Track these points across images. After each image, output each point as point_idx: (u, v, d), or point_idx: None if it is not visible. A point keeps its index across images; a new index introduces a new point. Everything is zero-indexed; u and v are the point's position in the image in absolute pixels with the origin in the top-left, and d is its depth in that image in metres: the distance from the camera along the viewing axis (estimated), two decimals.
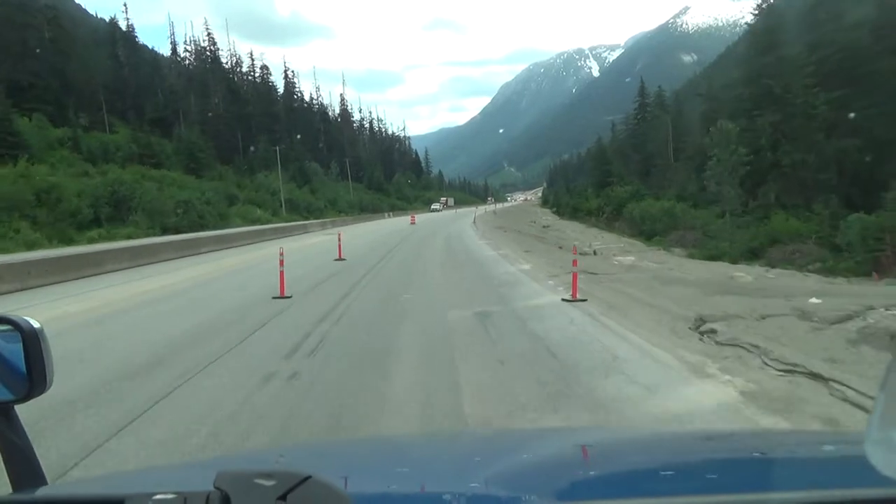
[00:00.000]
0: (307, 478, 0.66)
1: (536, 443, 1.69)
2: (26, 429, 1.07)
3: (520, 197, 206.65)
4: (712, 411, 3.79)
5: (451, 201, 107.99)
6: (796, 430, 3.20)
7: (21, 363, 1.02)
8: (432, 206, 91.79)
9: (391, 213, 67.48)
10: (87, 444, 3.48)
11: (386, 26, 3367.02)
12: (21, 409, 1.05)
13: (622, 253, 19.64)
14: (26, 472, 1.03)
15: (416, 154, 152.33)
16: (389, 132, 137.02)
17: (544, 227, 34.68)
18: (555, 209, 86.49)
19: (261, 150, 64.85)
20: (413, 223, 36.37)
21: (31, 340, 1.02)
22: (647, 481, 1.08)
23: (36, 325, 1.04)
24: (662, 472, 1.13)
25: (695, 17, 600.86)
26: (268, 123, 77.78)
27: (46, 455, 3.08)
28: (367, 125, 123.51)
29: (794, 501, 0.82)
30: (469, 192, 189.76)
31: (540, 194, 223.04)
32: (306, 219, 44.39)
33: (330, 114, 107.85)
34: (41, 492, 1.02)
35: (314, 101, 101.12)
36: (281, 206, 47.11)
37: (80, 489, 1.22)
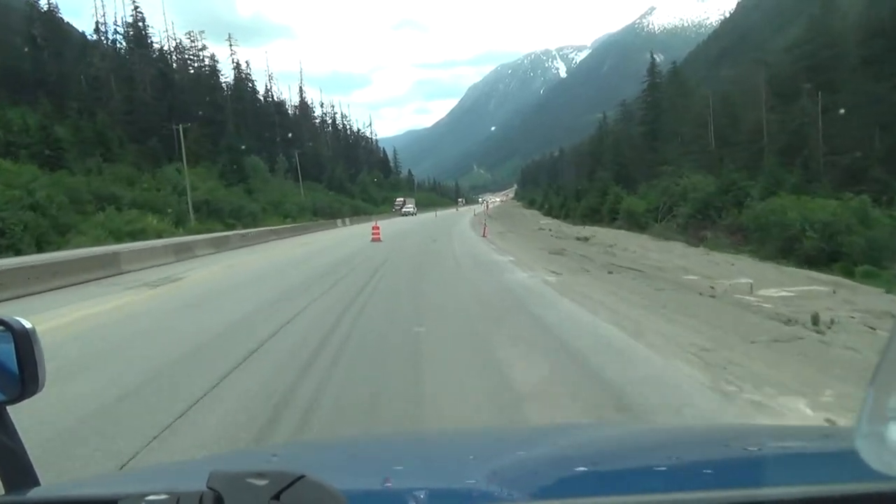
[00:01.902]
0: (300, 477, 0.66)
1: (534, 441, 1.62)
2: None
3: (494, 198, 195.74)
4: None
5: (410, 204, 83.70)
6: (786, 426, 3.15)
7: (13, 364, 1.00)
8: (404, 210, 76.01)
9: (348, 221, 49.28)
10: None
11: (352, 27, 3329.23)
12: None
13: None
14: (19, 473, 1.02)
15: (384, 153, 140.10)
16: (355, 129, 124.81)
17: (580, 238, 23.14)
18: (544, 209, 77.75)
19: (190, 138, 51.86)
20: (377, 239, 21.56)
21: (23, 341, 1.00)
22: (637, 477, 1.08)
23: (27, 325, 1.02)
24: (654, 469, 1.13)
25: (660, 17, 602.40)
26: (209, 114, 65.90)
27: None
28: (329, 121, 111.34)
29: (784, 497, 0.81)
30: (440, 194, 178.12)
31: (512, 195, 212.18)
32: (231, 227, 32.03)
33: (290, 111, 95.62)
34: (33, 493, 1.00)
35: (270, 94, 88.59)
36: (189, 210, 33.76)
37: (73, 490, 1.18)
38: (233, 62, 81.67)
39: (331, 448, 1.81)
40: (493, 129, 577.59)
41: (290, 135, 73.72)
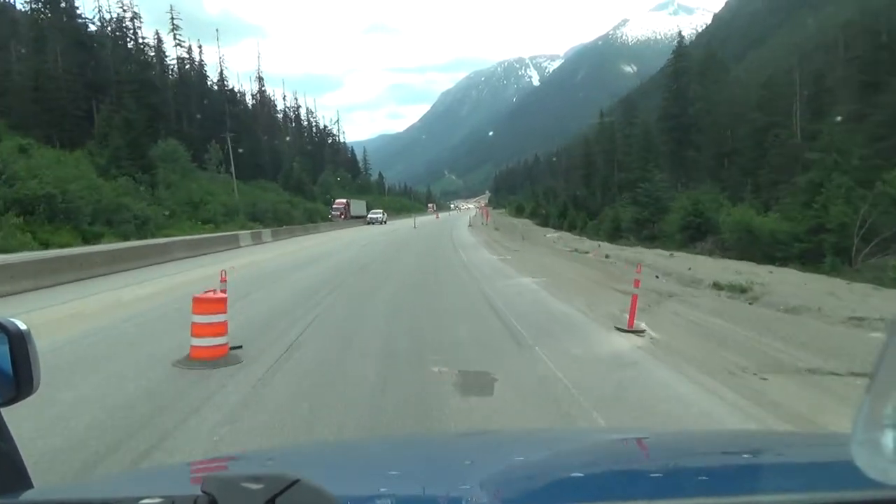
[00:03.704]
0: (295, 481, 0.65)
1: (531, 446, 1.61)
2: None
3: (467, 204, 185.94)
4: None
5: (358, 207, 66.93)
6: (783, 432, 3.14)
7: (7, 365, 0.99)
8: (369, 217, 61.48)
9: (268, 234, 30.57)
10: None
11: (325, 30, 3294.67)
12: None
13: None
14: (12, 475, 1.02)
15: (353, 153, 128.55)
16: (321, 126, 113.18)
17: (736, 289, 11.57)
18: (537, 219, 68.82)
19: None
20: (203, 356, 5.81)
21: (18, 342, 0.99)
22: (634, 484, 1.07)
23: (23, 326, 1.02)
24: (650, 475, 1.13)
25: (634, 29, 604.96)
26: (139, 94, 54.39)
27: None
28: (293, 115, 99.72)
29: (781, 503, 0.82)
30: (412, 199, 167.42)
31: (485, 202, 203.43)
32: (96, 239, 20.46)
33: (250, 103, 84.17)
34: (26, 496, 0.98)
35: (223, 80, 76.86)
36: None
37: (67, 493, 1.18)
38: (174, 38, 70.02)
39: (326, 452, 1.79)
40: (467, 132, 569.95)
41: (263, 139, 61.98)
